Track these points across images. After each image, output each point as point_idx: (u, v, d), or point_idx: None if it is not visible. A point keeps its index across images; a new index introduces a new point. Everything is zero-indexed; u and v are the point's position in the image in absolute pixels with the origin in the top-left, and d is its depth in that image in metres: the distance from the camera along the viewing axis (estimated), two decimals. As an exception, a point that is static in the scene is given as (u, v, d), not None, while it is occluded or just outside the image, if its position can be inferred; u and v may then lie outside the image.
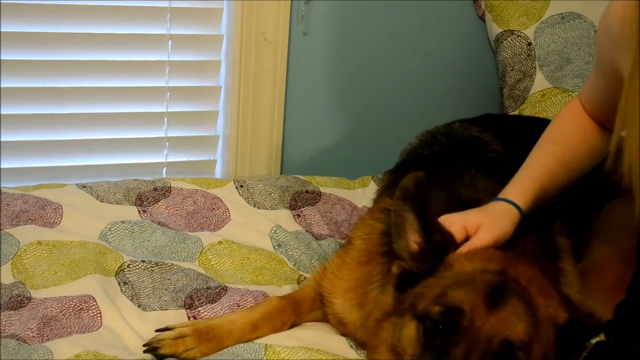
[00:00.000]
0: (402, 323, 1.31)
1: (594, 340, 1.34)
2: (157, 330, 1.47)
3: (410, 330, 1.29)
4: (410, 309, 1.31)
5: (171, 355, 1.42)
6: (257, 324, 1.51)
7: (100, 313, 1.53)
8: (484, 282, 1.25)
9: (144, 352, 1.43)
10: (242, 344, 1.45)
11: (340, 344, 1.54)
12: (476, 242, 1.37)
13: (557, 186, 1.52)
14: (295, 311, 1.57)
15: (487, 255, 1.35)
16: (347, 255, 1.59)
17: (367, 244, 1.56)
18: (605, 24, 1.36)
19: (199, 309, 1.61)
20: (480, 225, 1.40)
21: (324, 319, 1.63)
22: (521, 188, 1.48)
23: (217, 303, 1.62)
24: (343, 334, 1.57)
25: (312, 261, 1.87)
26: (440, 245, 1.34)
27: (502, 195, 1.48)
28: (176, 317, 1.58)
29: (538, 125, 1.95)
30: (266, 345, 1.44)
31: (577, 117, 1.56)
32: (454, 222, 1.40)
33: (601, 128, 1.54)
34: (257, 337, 1.50)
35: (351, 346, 1.53)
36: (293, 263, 1.86)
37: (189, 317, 1.59)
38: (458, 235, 1.38)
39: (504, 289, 1.25)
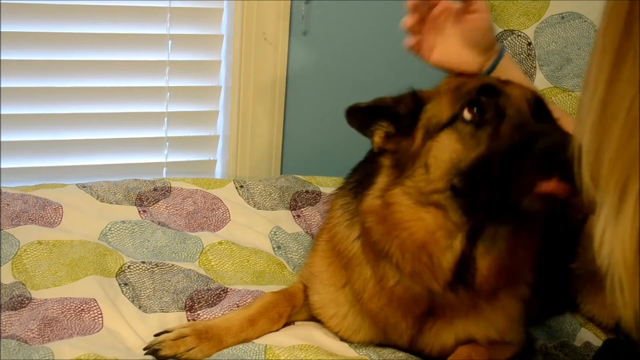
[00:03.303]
0: (425, 153, 1.35)
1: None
2: (156, 335, 1.47)
3: (443, 141, 1.34)
4: (426, 139, 1.36)
5: (172, 356, 1.42)
6: (254, 318, 1.52)
7: (101, 314, 1.53)
8: (477, 77, 1.39)
9: (145, 354, 1.43)
10: (241, 345, 1.45)
11: (338, 343, 1.54)
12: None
13: None
14: (290, 303, 1.58)
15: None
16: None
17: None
18: None
19: (199, 312, 1.61)
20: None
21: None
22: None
23: (217, 306, 1.62)
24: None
25: (303, 266, 1.87)
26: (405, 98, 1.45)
27: None
28: (177, 319, 1.58)
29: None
30: (266, 346, 1.44)
31: None
32: None
33: None
34: (255, 332, 1.51)
35: (349, 345, 1.54)
36: (292, 267, 1.86)
37: (188, 320, 1.59)
38: None
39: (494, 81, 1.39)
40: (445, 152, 1.33)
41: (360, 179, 1.58)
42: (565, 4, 2.42)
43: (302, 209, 2.08)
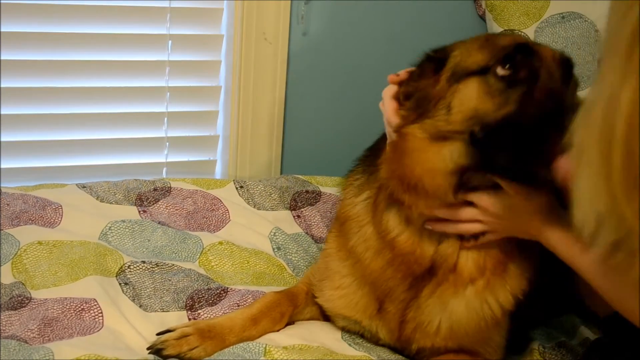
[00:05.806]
0: (450, 95, 1.36)
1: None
2: (158, 334, 1.48)
3: (471, 89, 1.33)
4: (451, 81, 1.37)
5: (176, 356, 1.43)
6: (256, 317, 1.53)
7: (101, 314, 1.53)
8: (509, 35, 1.44)
9: (149, 353, 1.44)
10: (242, 344, 1.46)
11: (338, 343, 1.55)
12: None
13: None
14: (292, 303, 1.59)
15: None
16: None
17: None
18: None
19: (199, 311, 1.61)
20: None
21: (320, 316, 1.65)
22: None
23: (218, 305, 1.62)
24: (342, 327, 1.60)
25: (310, 266, 1.88)
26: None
27: None
28: (177, 318, 1.59)
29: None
30: (265, 346, 1.44)
31: None
32: None
33: None
34: (258, 331, 1.52)
35: (350, 345, 1.54)
36: (292, 268, 1.87)
37: (189, 319, 1.59)
38: None
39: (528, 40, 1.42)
40: (472, 100, 1.33)
41: (369, 154, 1.62)
42: (566, 4, 2.41)
43: (302, 209, 2.08)
